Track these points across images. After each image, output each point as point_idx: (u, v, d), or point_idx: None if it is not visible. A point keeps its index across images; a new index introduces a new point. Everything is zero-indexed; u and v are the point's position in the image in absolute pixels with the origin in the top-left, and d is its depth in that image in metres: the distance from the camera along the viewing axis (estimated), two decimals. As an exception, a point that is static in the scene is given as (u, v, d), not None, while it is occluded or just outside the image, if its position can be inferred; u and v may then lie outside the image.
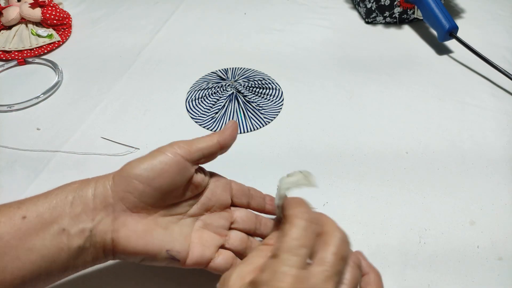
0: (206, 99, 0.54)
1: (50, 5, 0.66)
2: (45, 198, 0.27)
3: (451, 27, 0.59)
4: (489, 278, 0.35)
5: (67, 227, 0.26)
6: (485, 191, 0.42)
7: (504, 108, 0.52)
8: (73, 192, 0.28)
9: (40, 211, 0.26)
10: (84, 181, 0.29)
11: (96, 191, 0.28)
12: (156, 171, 0.28)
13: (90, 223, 0.27)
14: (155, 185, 0.28)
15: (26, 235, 0.25)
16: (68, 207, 0.27)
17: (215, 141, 0.31)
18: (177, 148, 0.29)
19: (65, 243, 0.26)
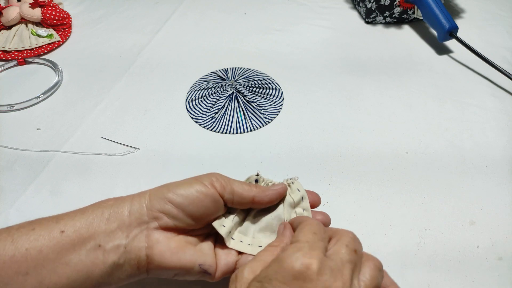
0: (206, 99, 0.54)
1: (50, 5, 0.66)
2: (82, 214, 0.28)
3: (451, 27, 0.59)
4: (489, 278, 0.35)
5: (102, 243, 0.27)
6: (485, 191, 0.42)
7: (504, 108, 0.52)
8: (109, 208, 0.28)
9: (77, 226, 0.27)
10: (119, 198, 0.30)
11: (131, 208, 0.29)
12: (191, 199, 0.29)
13: (124, 239, 0.28)
14: (188, 211, 0.29)
15: (64, 249, 0.26)
16: (104, 223, 0.28)
17: (251, 195, 0.31)
18: (215, 180, 0.30)
19: (100, 259, 0.27)
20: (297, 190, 0.33)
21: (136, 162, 0.47)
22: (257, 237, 0.32)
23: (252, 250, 0.31)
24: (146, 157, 0.47)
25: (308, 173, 0.45)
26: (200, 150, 0.48)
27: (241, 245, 0.31)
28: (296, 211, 0.33)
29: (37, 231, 0.26)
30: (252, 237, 0.32)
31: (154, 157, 0.47)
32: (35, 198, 0.43)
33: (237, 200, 0.31)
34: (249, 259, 0.30)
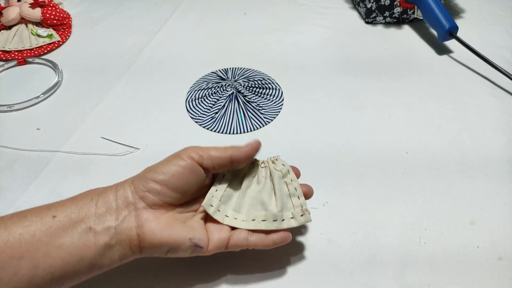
0: (206, 99, 0.54)
1: (50, 5, 0.66)
2: (72, 201, 0.30)
3: (451, 27, 0.59)
4: (489, 278, 0.35)
5: (93, 226, 0.28)
6: (485, 191, 0.42)
7: (504, 108, 0.52)
8: (96, 195, 0.30)
9: (68, 211, 0.28)
10: (106, 187, 0.31)
11: (117, 194, 0.30)
12: (171, 173, 0.31)
13: (114, 221, 0.29)
14: (171, 185, 0.31)
15: (56, 233, 0.27)
16: (93, 208, 0.29)
17: (227, 155, 0.33)
18: (191, 152, 0.32)
19: (92, 241, 0.28)
20: (282, 164, 0.35)
21: (136, 162, 0.47)
22: (250, 212, 0.34)
23: (247, 225, 0.33)
24: (146, 157, 0.47)
25: (308, 173, 0.45)
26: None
27: (235, 222, 0.34)
28: (285, 181, 0.35)
29: (29, 218, 0.28)
30: (245, 213, 0.34)
31: (154, 157, 0.47)
32: (35, 198, 0.43)
33: (217, 163, 0.32)
34: (242, 234, 0.33)
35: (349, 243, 0.38)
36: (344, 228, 0.39)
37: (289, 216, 0.34)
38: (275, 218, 0.33)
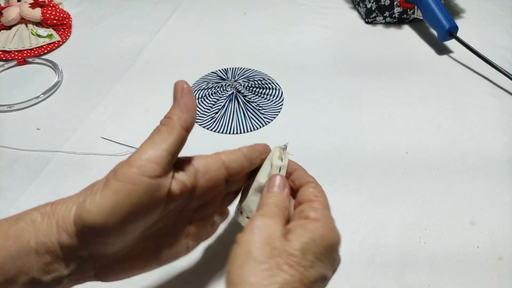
0: (206, 99, 0.54)
1: (50, 5, 0.66)
2: (4, 241, 0.22)
3: (451, 27, 0.59)
4: (489, 278, 0.35)
5: (38, 276, 0.22)
6: (485, 191, 0.42)
7: (504, 108, 0.52)
8: (34, 237, 0.22)
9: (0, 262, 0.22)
10: (43, 217, 0.23)
11: (61, 241, 0.23)
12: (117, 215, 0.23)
13: (65, 270, 0.23)
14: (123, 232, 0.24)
15: None
16: (33, 255, 0.22)
17: (176, 132, 0.26)
18: (135, 168, 0.23)
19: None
20: (280, 159, 0.31)
21: (136, 162, 0.46)
22: (253, 210, 0.31)
23: None
24: (146, 157, 0.47)
25: (308, 173, 0.45)
26: (200, 150, 0.48)
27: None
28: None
29: None
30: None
31: (154, 157, 0.47)
32: (35, 198, 0.43)
33: (173, 149, 0.26)
34: None
35: (349, 243, 0.38)
36: (344, 228, 0.39)
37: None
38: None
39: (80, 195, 0.24)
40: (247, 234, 0.24)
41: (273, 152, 0.32)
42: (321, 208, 0.27)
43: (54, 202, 0.24)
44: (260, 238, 0.24)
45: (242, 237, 0.24)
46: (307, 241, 0.24)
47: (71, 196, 0.24)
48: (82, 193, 0.24)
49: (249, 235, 0.24)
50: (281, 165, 0.31)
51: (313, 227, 0.25)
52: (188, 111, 0.27)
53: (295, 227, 0.25)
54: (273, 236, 0.24)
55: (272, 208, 0.27)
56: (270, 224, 0.25)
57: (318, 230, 0.25)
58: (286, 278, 0.22)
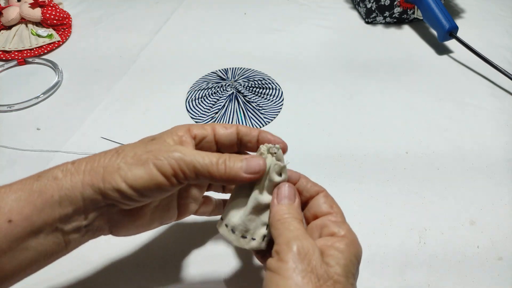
0: (206, 99, 0.54)
1: (50, 5, 0.66)
2: (28, 198, 0.25)
3: (451, 27, 0.59)
4: (489, 278, 0.36)
5: (60, 226, 0.25)
6: (485, 191, 0.42)
7: (504, 108, 0.52)
8: (58, 190, 0.25)
9: (26, 214, 0.24)
10: (65, 175, 0.26)
11: (84, 194, 0.26)
12: (146, 189, 0.26)
13: (84, 221, 0.26)
14: (144, 199, 0.27)
15: (17, 238, 0.24)
16: (57, 208, 0.25)
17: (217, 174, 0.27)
18: (176, 167, 0.26)
19: (61, 239, 0.26)
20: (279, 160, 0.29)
21: (136, 162, 0.46)
22: (227, 216, 0.29)
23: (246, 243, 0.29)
24: (146, 157, 0.47)
25: (308, 173, 0.45)
26: (200, 150, 0.48)
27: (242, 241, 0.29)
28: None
29: None
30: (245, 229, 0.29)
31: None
32: (35, 198, 0.43)
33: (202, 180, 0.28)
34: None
35: (349, 243, 0.38)
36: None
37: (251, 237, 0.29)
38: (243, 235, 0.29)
39: (105, 157, 0.27)
40: (286, 263, 0.23)
41: (270, 165, 0.28)
42: (342, 221, 0.27)
43: (74, 161, 0.27)
44: (303, 267, 0.23)
45: (280, 266, 0.23)
46: (346, 263, 0.24)
47: (93, 157, 0.27)
48: (108, 156, 0.27)
49: (290, 263, 0.23)
50: (280, 181, 0.28)
51: (345, 247, 0.25)
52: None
53: (327, 249, 0.24)
54: (315, 262, 0.23)
55: (297, 226, 0.25)
56: (308, 247, 0.24)
57: (349, 249, 0.25)
58: None
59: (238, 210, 0.29)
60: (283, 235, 0.25)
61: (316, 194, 0.29)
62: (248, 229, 0.28)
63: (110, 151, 0.27)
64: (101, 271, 0.36)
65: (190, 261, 0.37)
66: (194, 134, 0.30)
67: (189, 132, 0.30)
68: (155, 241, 0.38)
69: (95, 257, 0.37)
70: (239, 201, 0.29)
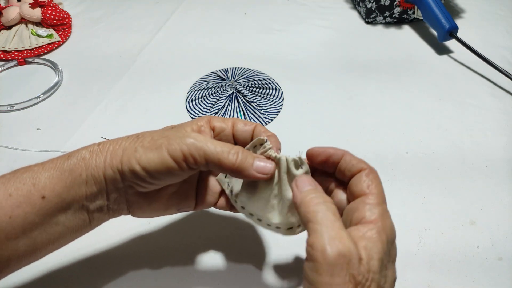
0: (206, 99, 0.54)
1: (50, 5, 0.66)
2: (59, 176, 0.27)
3: (451, 27, 0.59)
4: (489, 278, 0.35)
5: (85, 204, 0.28)
6: (485, 191, 0.42)
7: (504, 108, 0.52)
8: (85, 170, 0.27)
9: (58, 191, 0.27)
10: (89, 157, 0.28)
11: (106, 174, 0.28)
12: (164, 174, 0.28)
13: (106, 201, 0.29)
14: (162, 182, 0.29)
15: (49, 213, 0.27)
16: (84, 186, 0.27)
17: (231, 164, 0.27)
18: (188, 153, 0.27)
19: (86, 216, 0.29)
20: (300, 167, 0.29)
21: (136, 162, 0.46)
22: (265, 216, 0.30)
23: (266, 227, 0.31)
24: (146, 157, 0.47)
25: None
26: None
27: (251, 218, 0.31)
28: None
29: (15, 198, 0.26)
30: (257, 212, 0.30)
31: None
32: (35, 198, 0.43)
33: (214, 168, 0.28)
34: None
35: (349, 243, 0.38)
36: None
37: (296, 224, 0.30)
38: (290, 226, 0.30)
39: (126, 141, 0.29)
40: (322, 277, 0.22)
41: (285, 163, 0.28)
42: (376, 203, 0.25)
43: (100, 143, 0.29)
44: (340, 279, 0.22)
45: (316, 279, 0.22)
46: (380, 256, 0.23)
47: (116, 140, 0.29)
48: (129, 140, 0.29)
49: (326, 278, 0.22)
50: (303, 173, 0.28)
51: (376, 236, 0.23)
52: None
53: (359, 240, 0.23)
54: (352, 270, 0.22)
55: (330, 217, 0.24)
56: (344, 252, 0.22)
57: (381, 237, 0.23)
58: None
59: (268, 209, 0.30)
60: (316, 232, 0.23)
61: (358, 171, 0.27)
62: (292, 222, 0.29)
63: (132, 135, 0.30)
64: (103, 269, 0.36)
65: (194, 262, 0.37)
66: (214, 126, 0.31)
67: (209, 124, 0.31)
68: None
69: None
70: (262, 195, 0.30)
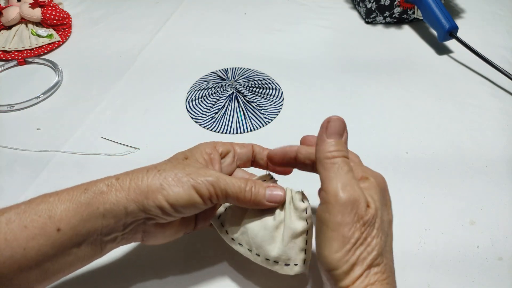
0: (206, 99, 0.54)
1: (50, 5, 0.66)
2: (75, 209, 0.27)
3: (451, 27, 0.59)
4: (489, 278, 0.35)
5: (100, 236, 0.28)
6: (485, 191, 0.42)
7: (504, 108, 0.52)
8: (103, 204, 0.28)
9: (74, 224, 0.27)
10: (110, 191, 0.28)
11: (128, 209, 0.28)
12: (185, 207, 0.29)
13: (121, 232, 0.29)
14: (182, 214, 0.30)
15: (64, 245, 0.27)
16: (101, 219, 0.28)
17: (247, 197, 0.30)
18: (210, 188, 0.29)
19: (99, 247, 0.29)
20: (304, 211, 0.31)
21: (136, 162, 0.46)
22: (264, 248, 0.31)
23: (254, 258, 0.32)
24: (146, 157, 0.47)
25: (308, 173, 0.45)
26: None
27: (248, 253, 0.32)
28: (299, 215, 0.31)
29: (30, 230, 0.26)
30: (255, 247, 0.31)
31: (154, 157, 0.47)
32: (35, 198, 0.43)
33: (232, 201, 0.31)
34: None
35: (349, 243, 0.38)
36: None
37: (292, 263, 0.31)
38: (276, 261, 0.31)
39: (147, 175, 0.29)
40: (334, 217, 0.26)
41: (290, 195, 0.31)
42: (357, 163, 0.31)
43: (118, 177, 0.29)
44: (350, 218, 0.26)
45: (328, 218, 0.26)
46: (379, 201, 0.27)
47: (135, 174, 0.29)
48: (150, 174, 0.29)
49: (338, 217, 0.26)
50: (306, 207, 0.31)
51: (373, 185, 0.28)
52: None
53: (364, 189, 0.27)
54: (360, 211, 0.26)
55: (345, 168, 0.27)
56: (355, 197, 0.26)
57: (376, 185, 0.28)
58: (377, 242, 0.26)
59: (269, 240, 0.31)
60: (331, 180, 0.27)
61: None
62: (290, 257, 0.30)
63: (152, 169, 0.30)
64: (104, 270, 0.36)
65: (194, 263, 0.37)
66: (221, 151, 0.33)
67: (215, 150, 0.33)
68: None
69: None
70: (258, 227, 0.31)
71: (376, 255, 0.26)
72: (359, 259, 0.25)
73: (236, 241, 0.32)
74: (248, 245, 0.32)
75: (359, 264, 0.25)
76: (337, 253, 0.25)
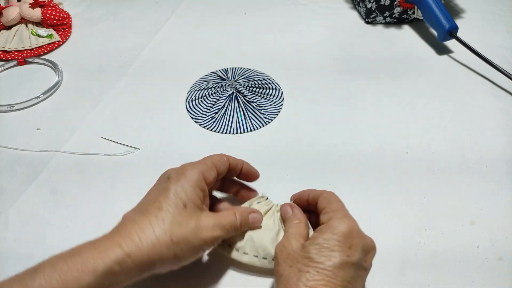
0: (206, 99, 0.54)
1: (50, 5, 0.66)
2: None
3: (451, 27, 0.59)
4: (489, 278, 0.35)
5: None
6: (485, 191, 0.42)
7: (504, 108, 0.52)
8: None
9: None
10: (101, 252, 0.28)
11: (122, 264, 0.28)
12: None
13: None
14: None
15: None
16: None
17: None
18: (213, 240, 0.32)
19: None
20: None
21: (136, 162, 0.47)
22: (268, 250, 0.34)
23: (260, 262, 0.34)
24: (146, 157, 0.47)
25: (308, 173, 0.45)
26: (200, 150, 0.48)
27: (255, 260, 0.34)
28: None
29: None
30: (262, 250, 0.34)
31: (154, 157, 0.47)
32: (35, 198, 0.43)
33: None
34: None
35: (349, 243, 0.38)
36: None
37: None
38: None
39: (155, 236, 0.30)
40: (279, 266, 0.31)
41: (272, 207, 0.37)
42: (334, 203, 0.35)
43: (129, 255, 0.29)
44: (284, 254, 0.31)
45: (277, 269, 0.31)
46: (320, 241, 0.30)
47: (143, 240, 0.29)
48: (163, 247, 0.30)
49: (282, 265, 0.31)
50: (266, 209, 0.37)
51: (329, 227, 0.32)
52: None
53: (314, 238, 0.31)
54: (293, 251, 0.31)
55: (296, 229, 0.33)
56: (294, 245, 0.31)
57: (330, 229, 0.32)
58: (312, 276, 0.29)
59: (274, 239, 0.34)
60: (284, 238, 0.33)
61: (318, 197, 0.36)
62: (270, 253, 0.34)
63: (164, 239, 0.29)
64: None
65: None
66: (217, 170, 0.35)
67: (206, 182, 0.34)
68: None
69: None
70: (262, 231, 0.36)
71: None
72: None
73: (241, 251, 0.34)
74: (254, 250, 0.34)
75: None
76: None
